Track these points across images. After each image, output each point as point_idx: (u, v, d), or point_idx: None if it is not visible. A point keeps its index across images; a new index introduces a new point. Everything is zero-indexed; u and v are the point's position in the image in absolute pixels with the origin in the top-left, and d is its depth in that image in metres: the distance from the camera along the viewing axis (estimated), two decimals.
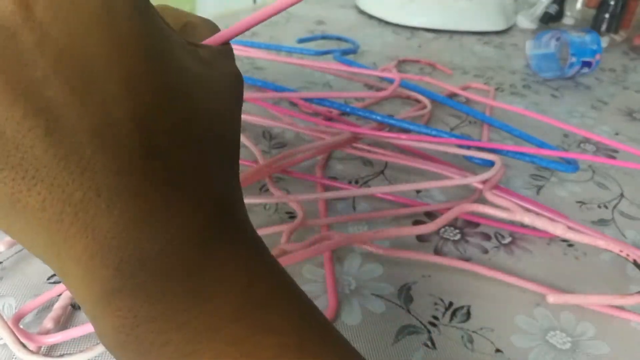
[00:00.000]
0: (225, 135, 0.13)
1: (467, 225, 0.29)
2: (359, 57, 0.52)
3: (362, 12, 0.66)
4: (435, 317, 0.23)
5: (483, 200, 0.28)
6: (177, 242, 0.11)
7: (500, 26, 0.64)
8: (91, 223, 0.10)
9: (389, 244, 0.27)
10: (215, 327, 0.11)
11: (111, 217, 0.10)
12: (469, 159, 0.34)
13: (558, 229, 0.25)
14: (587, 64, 0.49)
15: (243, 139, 0.35)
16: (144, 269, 0.11)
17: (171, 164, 0.11)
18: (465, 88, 0.46)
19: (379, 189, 0.29)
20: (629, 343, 0.23)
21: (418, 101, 0.42)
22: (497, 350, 0.22)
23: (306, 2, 0.68)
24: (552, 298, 0.24)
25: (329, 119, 0.38)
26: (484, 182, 0.28)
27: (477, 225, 0.29)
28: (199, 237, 0.11)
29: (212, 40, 0.14)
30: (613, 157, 0.38)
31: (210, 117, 0.12)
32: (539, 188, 0.34)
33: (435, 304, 0.24)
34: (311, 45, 0.54)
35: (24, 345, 0.20)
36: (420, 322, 0.23)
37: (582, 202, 0.33)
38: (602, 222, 0.31)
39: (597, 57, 0.49)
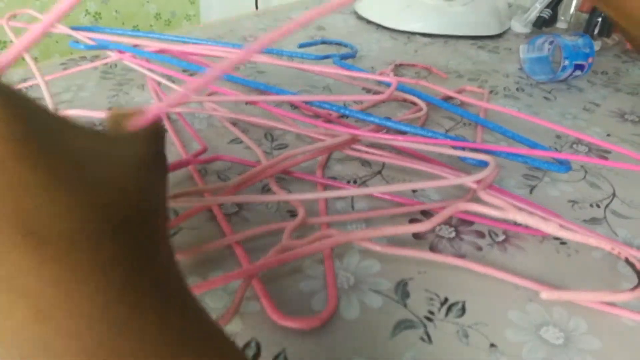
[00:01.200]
0: (136, 212, 0.13)
1: (461, 224, 0.30)
2: (357, 61, 0.53)
3: (360, 18, 0.66)
4: (431, 312, 0.24)
5: (477, 200, 0.28)
6: (88, 329, 0.11)
7: (494, 31, 0.65)
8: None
9: (386, 241, 0.28)
10: None
11: (14, 318, 0.11)
12: (463, 159, 0.34)
13: (550, 227, 0.25)
14: (580, 67, 0.49)
15: (246, 141, 0.36)
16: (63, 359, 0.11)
17: (69, 260, 0.11)
18: (460, 91, 0.47)
19: (376, 189, 0.30)
20: (621, 338, 0.24)
21: (414, 104, 0.43)
22: (492, 345, 0.23)
23: (307, 9, 0.69)
24: (545, 294, 0.25)
25: (329, 121, 0.38)
26: (478, 182, 0.29)
27: (471, 223, 0.30)
28: (106, 321, 0.12)
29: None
30: (605, 158, 0.39)
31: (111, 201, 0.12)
32: (532, 188, 0.34)
33: (431, 299, 0.25)
34: (311, 50, 0.55)
35: None
36: (417, 317, 0.24)
37: (574, 202, 0.33)
38: (594, 221, 0.31)
39: (590, 60, 0.50)
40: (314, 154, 0.34)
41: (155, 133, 0.16)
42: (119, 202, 0.13)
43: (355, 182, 0.33)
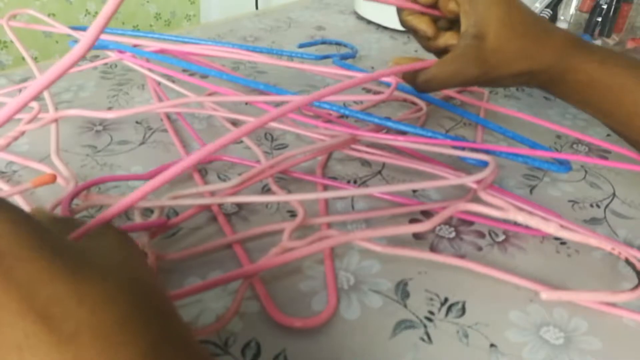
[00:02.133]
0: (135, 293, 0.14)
1: (461, 224, 0.30)
2: (357, 61, 0.53)
3: (360, 18, 0.66)
4: (431, 312, 0.24)
5: (477, 200, 0.28)
6: None
7: None
8: None
9: (386, 241, 0.28)
10: None
11: None
12: (463, 159, 0.34)
13: (551, 227, 0.25)
14: None
15: (246, 141, 0.36)
16: None
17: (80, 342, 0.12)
18: (460, 91, 0.47)
19: (376, 189, 0.30)
20: (621, 339, 0.24)
21: (414, 104, 0.43)
22: (492, 345, 0.23)
23: (307, 9, 0.69)
24: (545, 294, 0.25)
25: (329, 121, 0.38)
26: (478, 182, 0.29)
27: (471, 223, 0.30)
28: None
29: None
30: (605, 158, 0.39)
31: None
32: (532, 188, 0.34)
33: (431, 299, 0.25)
34: (311, 50, 0.55)
35: None
36: (417, 317, 0.24)
37: (574, 202, 0.33)
38: (594, 221, 0.31)
39: None
40: (314, 154, 0.34)
41: (104, 226, 0.17)
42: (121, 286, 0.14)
43: (355, 182, 0.33)
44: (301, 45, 0.55)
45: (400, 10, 0.32)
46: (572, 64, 0.29)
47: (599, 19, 0.61)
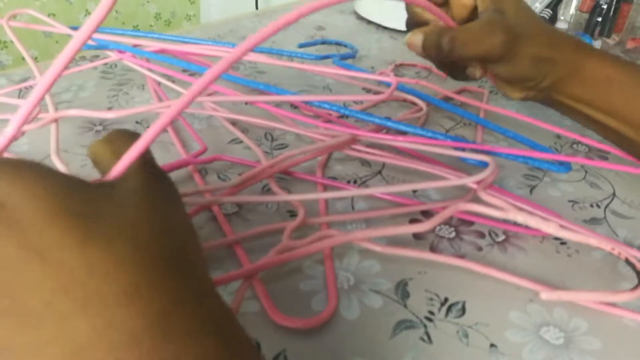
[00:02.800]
0: (165, 242, 0.14)
1: (462, 224, 0.30)
2: (357, 61, 0.53)
3: (360, 18, 0.66)
4: (431, 313, 0.24)
5: (477, 200, 0.28)
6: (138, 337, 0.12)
7: None
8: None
9: (386, 241, 0.28)
10: None
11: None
12: (463, 160, 0.34)
13: (551, 228, 0.25)
14: None
15: (246, 141, 0.36)
16: None
17: (115, 287, 0.12)
18: (460, 91, 0.47)
19: (377, 189, 0.30)
20: (621, 339, 0.24)
21: (414, 104, 0.43)
22: (492, 345, 0.23)
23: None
24: (545, 294, 0.25)
25: (329, 121, 0.38)
26: (478, 182, 0.29)
27: (471, 223, 0.30)
28: (156, 332, 0.12)
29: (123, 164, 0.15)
30: (605, 158, 0.39)
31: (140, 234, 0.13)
32: (532, 188, 0.34)
33: (431, 299, 0.25)
34: (311, 50, 0.55)
35: None
36: (417, 317, 0.24)
37: (574, 202, 0.33)
38: (594, 221, 0.32)
39: None
40: (314, 154, 0.34)
41: (142, 161, 0.16)
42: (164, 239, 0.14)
43: (355, 182, 0.33)
44: (301, 45, 0.55)
45: (409, 5, 0.32)
46: (586, 60, 0.29)
47: (599, 19, 0.61)
